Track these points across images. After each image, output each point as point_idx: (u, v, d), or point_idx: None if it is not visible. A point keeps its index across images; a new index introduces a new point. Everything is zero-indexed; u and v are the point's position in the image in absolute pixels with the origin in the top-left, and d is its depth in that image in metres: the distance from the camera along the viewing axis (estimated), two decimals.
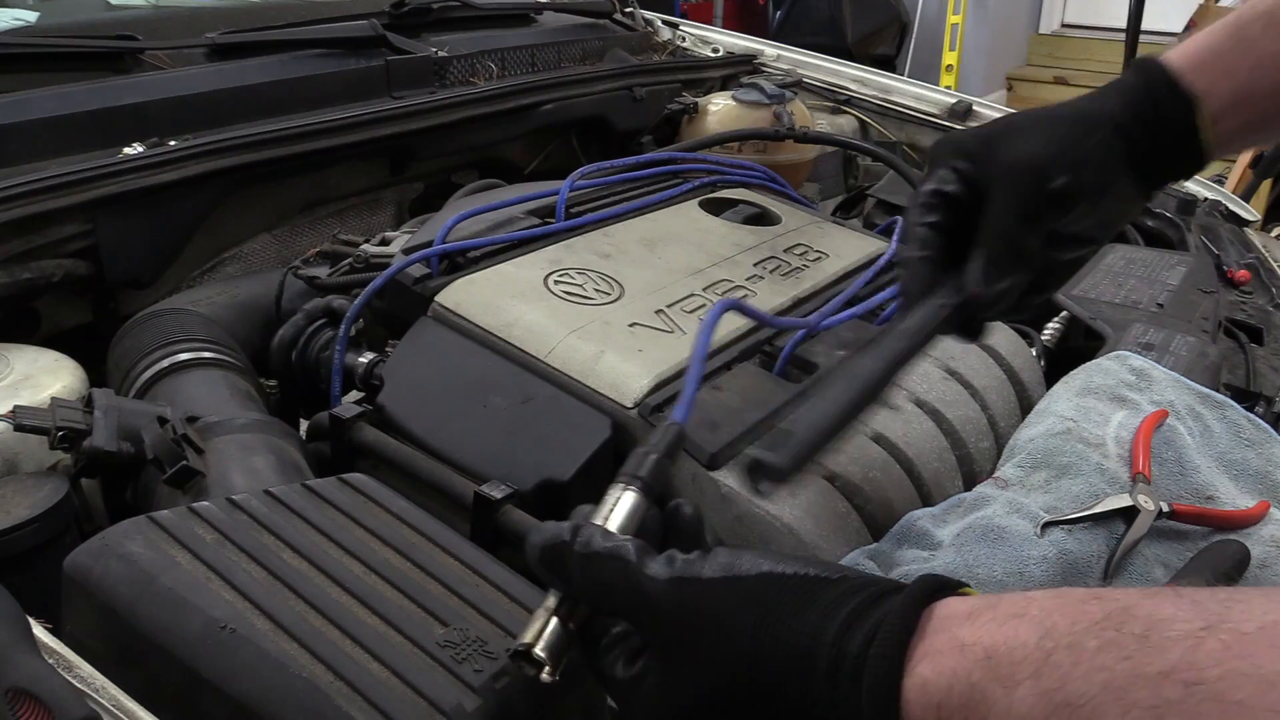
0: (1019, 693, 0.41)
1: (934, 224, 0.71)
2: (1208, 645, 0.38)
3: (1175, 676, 0.38)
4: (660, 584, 0.52)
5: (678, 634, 0.52)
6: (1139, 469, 0.90)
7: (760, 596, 0.51)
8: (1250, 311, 1.39)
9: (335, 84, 1.50)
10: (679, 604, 0.52)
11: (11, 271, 1.10)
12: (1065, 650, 0.41)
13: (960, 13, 5.65)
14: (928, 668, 0.45)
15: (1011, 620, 0.44)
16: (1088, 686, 0.40)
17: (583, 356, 0.95)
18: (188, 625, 0.61)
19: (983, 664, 0.43)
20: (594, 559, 0.54)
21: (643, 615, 0.53)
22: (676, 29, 2.27)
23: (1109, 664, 0.40)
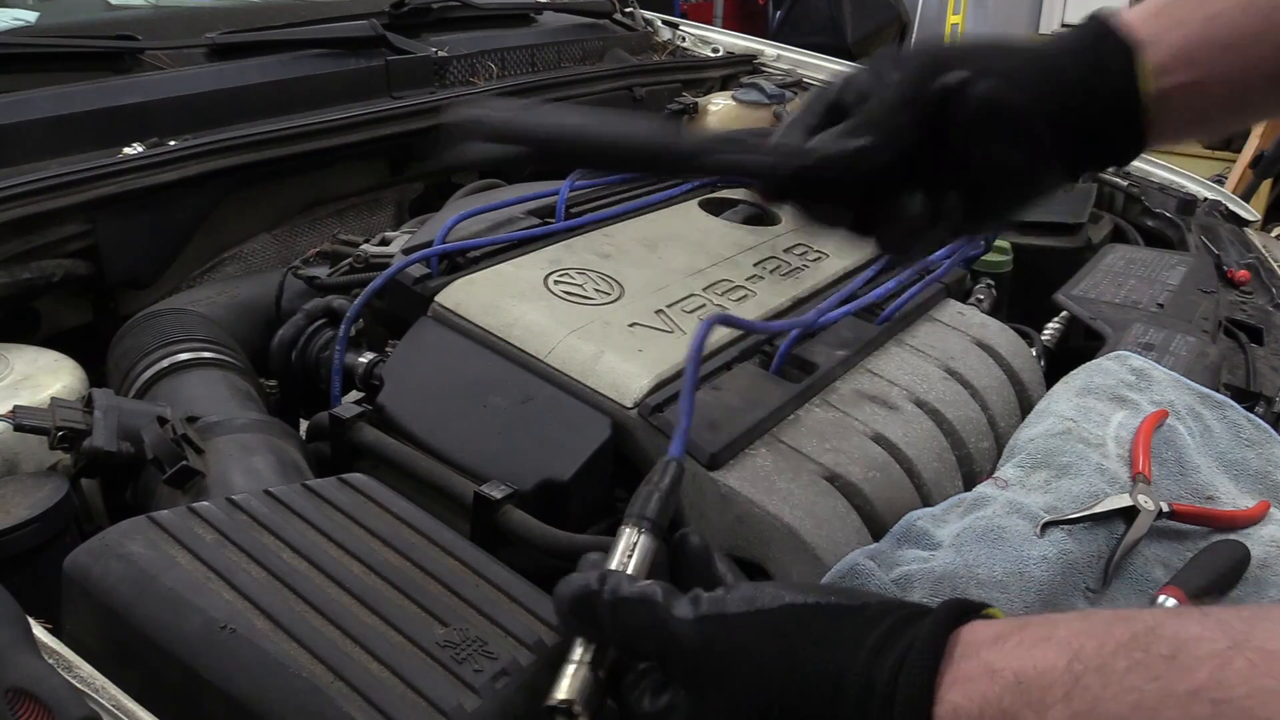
0: (1050, 716, 0.42)
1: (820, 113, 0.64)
2: (1235, 664, 0.38)
3: (1204, 695, 0.38)
4: (688, 624, 0.53)
5: (708, 670, 0.52)
6: (1139, 469, 0.90)
7: (785, 628, 0.51)
8: (1250, 311, 1.39)
9: (335, 84, 1.50)
10: (707, 641, 0.52)
11: (11, 271, 1.10)
12: (1095, 673, 0.41)
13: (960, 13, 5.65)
14: (958, 694, 0.45)
15: (1040, 644, 0.44)
16: (1119, 708, 0.40)
17: (583, 356, 0.95)
18: (188, 625, 0.61)
19: (1013, 689, 0.43)
20: (623, 605, 0.55)
21: (672, 656, 0.53)
22: (676, 29, 2.27)
23: (1138, 685, 0.40)
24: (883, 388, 1.01)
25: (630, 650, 0.55)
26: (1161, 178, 1.81)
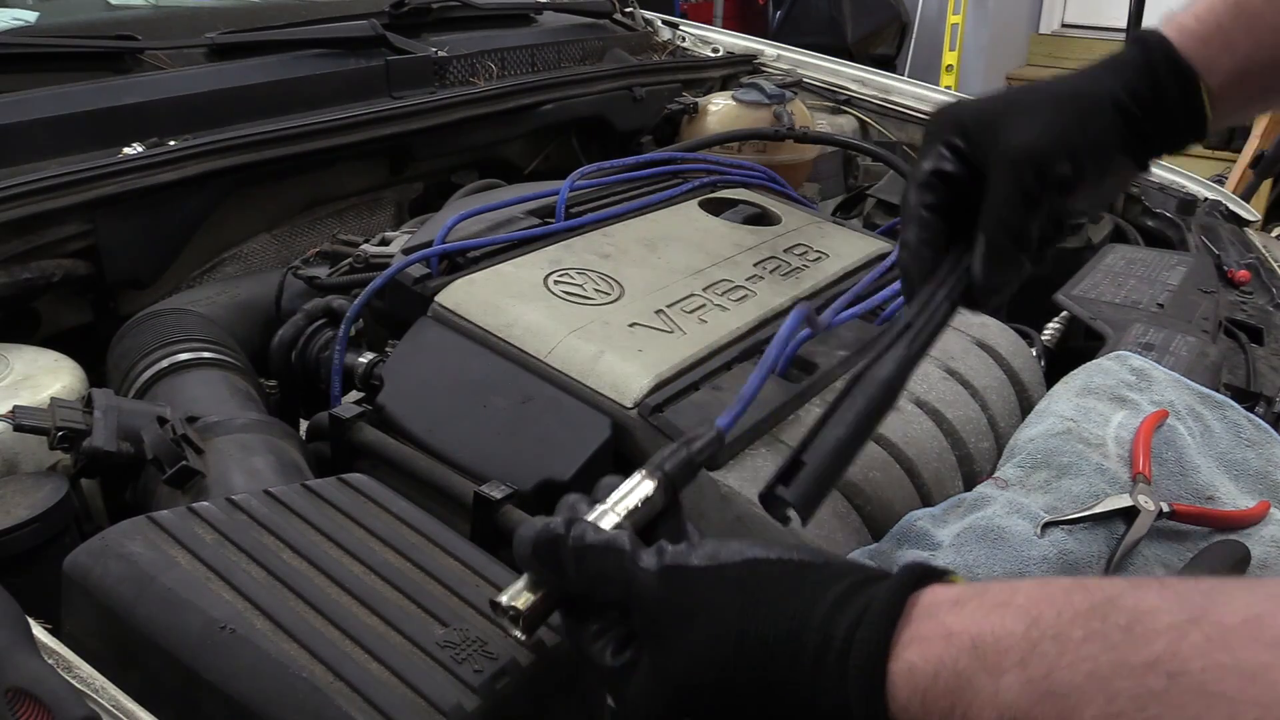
0: (1005, 681, 0.42)
1: (933, 205, 0.71)
2: (1191, 638, 0.38)
3: (1159, 667, 0.38)
4: (651, 574, 0.53)
5: (668, 621, 0.52)
6: (1139, 469, 0.90)
7: (746, 582, 0.51)
8: (1250, 311, 1.39)
9: (335, 84, 1.50)
10: (669, 592, 0.53)
11: (11, 271, 1.10)
12: (1051, 640, 0.42)
13: (960, 13, 5.64)
14: (914, 653, 0.45)
15: (998, 609, 0.45)
16: (1073, 676, 0.40)
17: (583, 356, 0.95)
18: (188, 625, 0.61)
19: (969, 652, 0.44)
20: (588, 551, 0.55)
21: (634, 604, 0.54)
22: (676, 29, 2.27)
23: (1094, 654, 0.40)
24: None
25: (592, 596, 0.56)
26: (1161, 178, 1.81)
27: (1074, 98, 0.70)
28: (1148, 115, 0.70)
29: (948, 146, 0.71)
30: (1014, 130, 0.68)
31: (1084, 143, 0.68)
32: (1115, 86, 0.69)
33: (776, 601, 0.50)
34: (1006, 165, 0.68)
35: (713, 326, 1.04)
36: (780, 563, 0.52)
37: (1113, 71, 0.70)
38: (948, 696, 0.44)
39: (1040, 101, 0.70)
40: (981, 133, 0.70)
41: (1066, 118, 0.68)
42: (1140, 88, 0.69)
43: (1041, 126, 0.68)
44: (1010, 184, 0.68)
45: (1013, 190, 0.68)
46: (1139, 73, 0.70)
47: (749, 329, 1.05)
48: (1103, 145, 0.69)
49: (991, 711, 0.42)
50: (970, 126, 0.70)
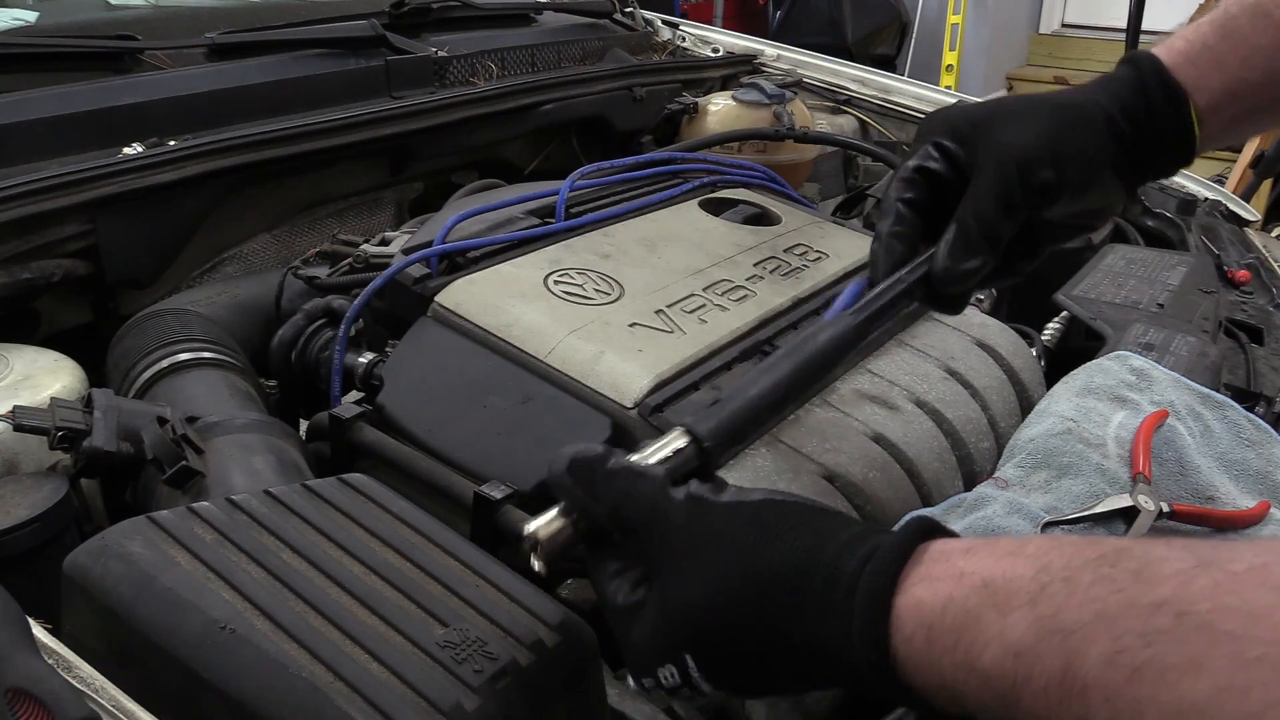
0: (1012, 619, 0.43)
1: (911, 200, 0.73)
2: (1199, 581, 0.39)
3: (1167, 608, 0.39)
4: (676, 502, 0.55)
5: (684, 549, 0.54)
6: (1139, 469, 0.90)
7: (761, 517, 0.54)
8: (1250, 311, 1.39)
9: (335, 84, 1.50)
10: (691, 520, 0.55)
11: (11, 271, 1.10)
12: (1061, 583, 0.42)
13: (960, 13, 5.64)
14: (924, 590, 0.47)
15: (1009, 556, 0.46)
16: (1081, 615, 0.41)
17: (583, 356, 0.95)
18: (187, 625, 0.61)
19: (979, 590, 0.45)
20: (622, 474, 0.57)
21: (655, 527, 0.55)
22: (676, 29, 2.27)
23: (1102, 595, 0.41)
24: (883, 388, 1.01)
25: (618, 517, 0.57)
26: None
27: (1066, 108, 0.71)
28: (1137, 131, 0.71)
29: (936, 146, 0.73)
30: (1003, 131, 0.70)
31: (1071, 151, 0.70)
32: (1107, 101, 0.71)
33: (788, 536, 0.52)
34: (992, 162, 0.70)
35: (713, 326, 1.04)
36: (797, 504, 0.54)
37: (1105, 88, 0.72)
38: (953, 632, 0.45)
39: (1032, 108, 0.71)
40: (972, 133, 0.71)
41: (1056, 125, 0.70)
42: (1131, 103, 0.71)
43: (1031, 131, 0.70)
44: (992, 179, 0.69)
45: (994, 184, 0.69)
46: (1130, 89, 0.72)
47: (749, 329, 1.05)
48: (1089, 157, 0.71)
49: (997, 646, 0.43)
50: (961, 127, 0.72)
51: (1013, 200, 0.70)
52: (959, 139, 0.72)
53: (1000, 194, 0.69)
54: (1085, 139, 0.71)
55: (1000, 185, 0.69)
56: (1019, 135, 0.70)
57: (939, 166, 0.72)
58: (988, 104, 0.74)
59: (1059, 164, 0.70)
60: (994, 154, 0.70)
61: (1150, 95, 0.71)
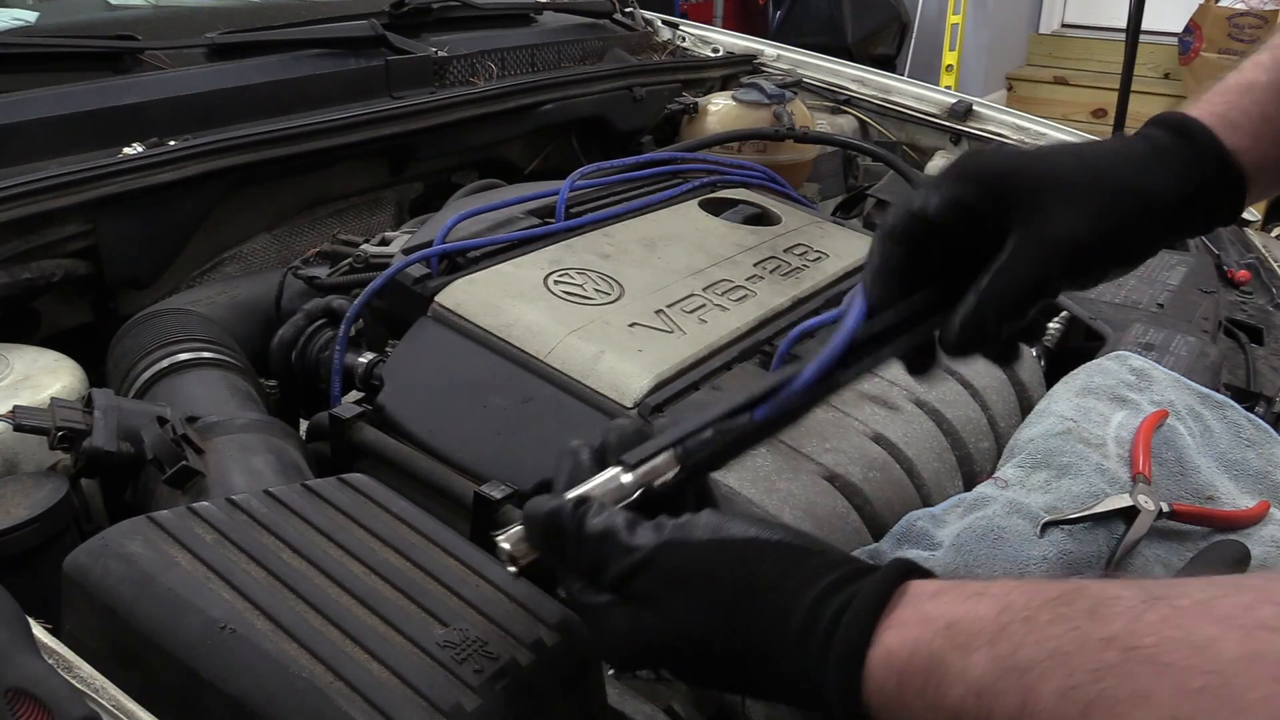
0: (974, 659, 0.44)
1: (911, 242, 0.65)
2: (1147, 618, 0.41)
3: (1116, 644, 0.41)
4: (646, 551, 0.55)
5: (660, 589, 0.54)
6: (1139, 469, 0.90)
7: (746, 559, 0.54)
8: (1250, 311, 1.39)
9: (335, 84, 1.50)
10: (668, 568, 0.55)
11: (11, 271, 1.10)
12: (1020, 622, 0.44)
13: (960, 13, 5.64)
14: (892, 637, 0.48)
15: (973, 598, 0.47)
16: (1037, 653, 0.42)
17: (583, 356, 0.95)
18: (187, 625, 0.61)
19: (943, 633, 0.46)
20: (586, 541, 0.57)
21: (634, 583, 0.55)
22: (676, 29, 2.27)
23: (1058, 634, 0.42)
24: (883, 388, 1.01)
25: (595, 578, 0.57)
26: None
27: (1127, 193, 0.65)
28: (1191, 213, 0.67)
29: (974, 184, 0.64)
30: (1054, 211, 0.63)
31: (1127, 247, 0.66)
32: (1167, 186, 0.65)
33: (774, 579, 0.52)
34: (1037, 247, 0.63)
35: (713, 326, 1.04)
36: (780, 544, 0.54)
37: (1161, 162, 0.66)
38: (920, 675, 0.46)
39: (1091, 187, 0.64)
40: (1013, 199, 0.63)
41: (1117, 217, 0.64)
42: (1190, 191, 0.66)
43: (1087, 220, 0.63)
44: (1033, 267, 0.63)
45: (1033, 273, 0.63)
46: (1188, 171, 0.66)
47: (749, 329, 1.05)
48: (1143, 251, 0.67)
49: (960, 686, 0.45)
50: (1000, 188, 0.64)
51: (1051, 284, 0.64)
52: (1000, 197, 0.63)
53: (1038, 278, 0.63)
54: (1144, 234, 0.66)
55: (1041, 274, 0.63)
56: (1073, 224, 0.63)
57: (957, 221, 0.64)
58: (1036, 166, 0.65)
59: (1110, 259, 0.65)
60: (1045, 239, 0.63)
61: (1208, 181, 0.66)
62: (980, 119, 1.97)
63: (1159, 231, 0.67)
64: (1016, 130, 1.93)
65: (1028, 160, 0.65)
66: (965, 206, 0.64)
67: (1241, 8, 5.06)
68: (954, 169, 0.66)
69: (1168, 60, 5.57)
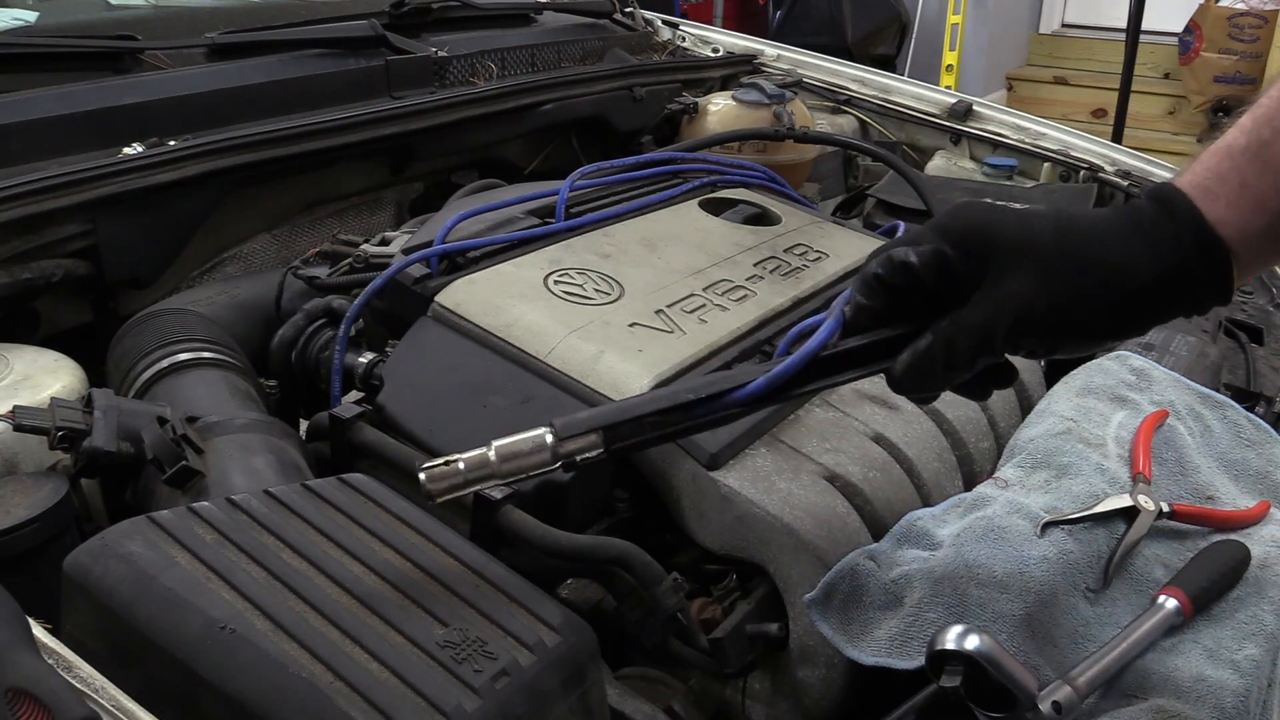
0: None
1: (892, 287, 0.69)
2: None
3: None
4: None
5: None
6: (1139, 469, 0.90)
7: None
8: (1250, 311, 1.39)
9: (335, 84, 1.50)
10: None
11: (11, 271, 1.10)
12: None
13: (960, 13, 5.64)
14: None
15: None
16: None
17: (583, 356, 0.95)
18: (187, 625, 0.61)
19: None
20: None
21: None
22: (676, 29, 2.27)
23: None
24: (883, 387, 1.01)
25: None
26: (1161, 178, 1.81)
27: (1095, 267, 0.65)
28: (1175, 299, 0.65)
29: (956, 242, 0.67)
30: (1017, 278, 0.65)
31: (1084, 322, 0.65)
32: (1144, 266, 0.64)
33: None
34: (988, 305, 0.65)
35: (713, 326, 1.04)
36: None
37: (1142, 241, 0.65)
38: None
39: (1058, 258, 0.65)
40: (992, 253, 0.66)
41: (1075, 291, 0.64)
42: (1170, 268, 0.64)
43: (1044, 290, 0.64)
44: (980, 324, 0.66)
45: (979, 331, 0.66)
46: (1167, 247, 0.64)
47: (749, 329, 1.05)
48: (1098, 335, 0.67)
49: None
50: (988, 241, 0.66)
51: (995, 350, 0.67)
52: (974, 256, 0.66)
53: (983, 340, 0.66)
54: (1113, 310, 0.65)
55: (985, 332, 0.66)
56: (1026, 289, 0.64)
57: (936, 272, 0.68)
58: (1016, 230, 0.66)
59: (1065, 331, 0.66)
60: (993, 298, 0.65)
61: (1185, 258, 0.64)
62: (980, 119, 1.97)
63: (1135, 310, 0.65)
64: (1016, 130, 1.93)
65: (1009, 222, 0.67)
66: (945, 261, 0.67)
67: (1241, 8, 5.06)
68: (941, 223, 0.69)
69: (1168, 60, 5.57)
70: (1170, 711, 0.69)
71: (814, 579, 0.79)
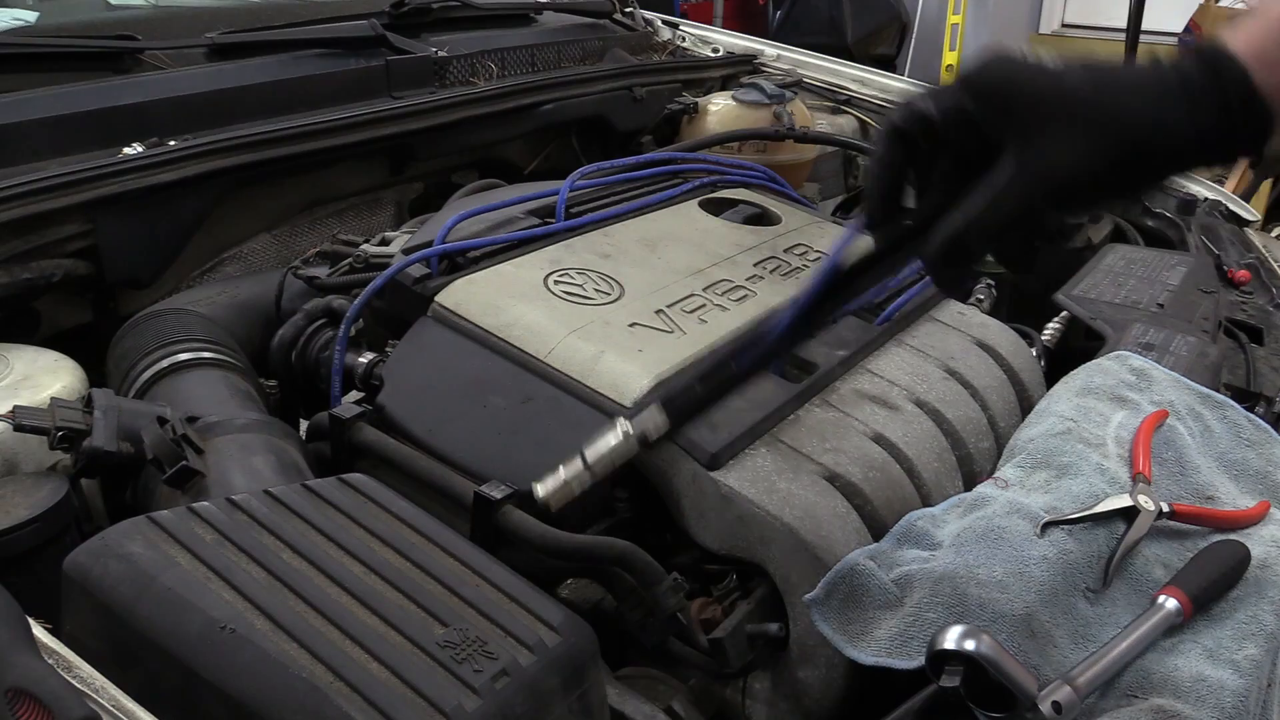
0: None
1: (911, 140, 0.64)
2: None
3: None
4: None
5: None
6: (1139, 469, 0.90)
7: None
8: (1250, 311, 1.39)
9: (335, 84, 1.50)
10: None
11: (11, 271, 1.10)
12: None
13: (960, 13, 5.64)
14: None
15: None
16: None
17: (582, 356, 0.95)
18: (188, 625, 0.61)
19: None
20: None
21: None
22: (676, 29, 2.27)
23: None
24: (883, 388, 1.01)
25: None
26: None
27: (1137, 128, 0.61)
28: (1207, 157, 0.63)
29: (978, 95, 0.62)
30: (1056, 141, 0.60)
31: (1126, 182, 0.63)
32: (1186, 129, 0.60)
33: None
34: (1027, 175, 0.61)
35: (713, 326, 1.04)
36: None
37: (1188, 104, 0.60)
38: None
39: (1099, 117, 0.61)
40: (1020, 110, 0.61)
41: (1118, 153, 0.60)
42: (1210, 134, 0.61)
43: (1087, 155, 0.60)
44: (1019, 195, 0.61)
45: (1017, 203, 0.61)
46: (1212, 115, 0.60)
47: (749, 329, 1.05)
48: (1144, 184, 0.65)
49: None
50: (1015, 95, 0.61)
51: (1039, 216, 0.62)
52: (1001, 111, 0.61)
53: (1022, 212, 0.61)
54: (1150, 169, 0.62)
55: (1024, 204, 0.61)
56: (1069, 155, 0.60)
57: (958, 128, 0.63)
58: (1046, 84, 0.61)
59: (1106, 193, 0.63)
60: (1031, 166, 0.61)
61: (1231, 125, 0.60)
62: None
63: (1169, 167, 0.63)
64: None
65: (1038, 76, 0.62)
66: (967, 116, 0.62)
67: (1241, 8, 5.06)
68: (967, 74, 0.63)
69: None
70: (1170, 711, 0.69)
71: (814, 579, 0.79)
